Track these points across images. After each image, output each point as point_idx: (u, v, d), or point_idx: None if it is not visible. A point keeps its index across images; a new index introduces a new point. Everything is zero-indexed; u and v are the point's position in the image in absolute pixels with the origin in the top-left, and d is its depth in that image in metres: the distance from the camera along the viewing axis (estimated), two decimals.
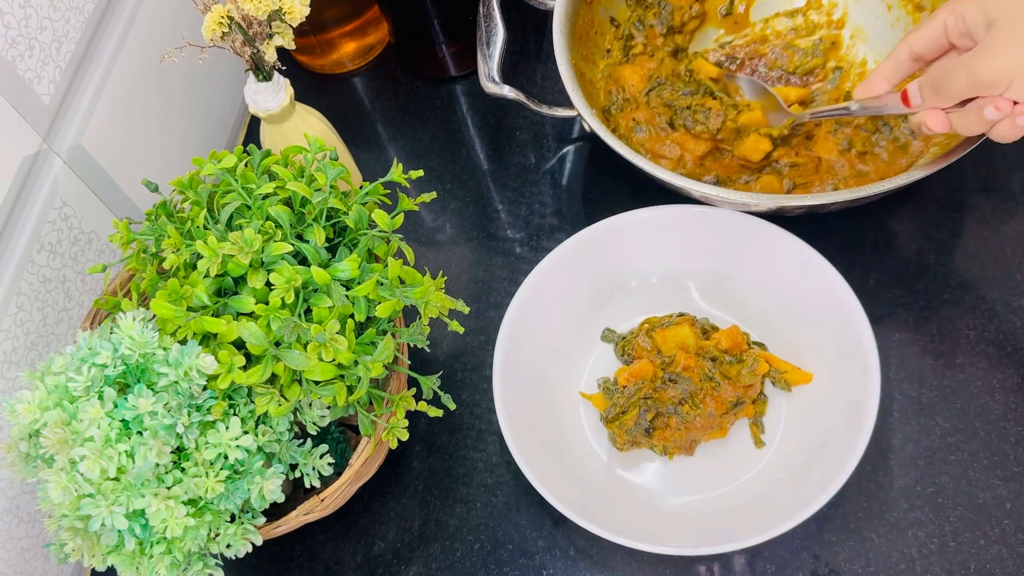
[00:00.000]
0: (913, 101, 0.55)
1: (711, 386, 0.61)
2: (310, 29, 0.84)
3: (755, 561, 0.59)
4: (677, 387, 0.61)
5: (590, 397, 0.65)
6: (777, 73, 0.76)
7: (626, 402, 0.62)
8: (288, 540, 0.66)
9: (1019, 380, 0.62)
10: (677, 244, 0.66)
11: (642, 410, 0.61)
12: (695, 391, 0.61)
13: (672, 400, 0.61)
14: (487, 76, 0.70)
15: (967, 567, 0.57)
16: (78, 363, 0.48)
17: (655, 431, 0.62)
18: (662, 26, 0.76)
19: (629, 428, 0.61)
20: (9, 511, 0.61)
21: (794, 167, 0.69)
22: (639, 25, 0.76)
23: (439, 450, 0.68)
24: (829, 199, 0.58)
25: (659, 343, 0.64)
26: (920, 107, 0.55)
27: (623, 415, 0.62)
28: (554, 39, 0.69)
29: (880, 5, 0.74)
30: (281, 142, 0.68)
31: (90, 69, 0.67)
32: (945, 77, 0.53)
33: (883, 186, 0.58)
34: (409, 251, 0.59)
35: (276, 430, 0.53)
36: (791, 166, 0.69)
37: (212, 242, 0.51)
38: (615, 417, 0.62)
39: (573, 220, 0.75)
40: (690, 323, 0.64)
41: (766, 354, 0.64)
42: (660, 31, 0.76)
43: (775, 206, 0.60)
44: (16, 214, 0.61)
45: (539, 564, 0.62)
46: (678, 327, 0.64)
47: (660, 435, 0.61)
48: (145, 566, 0.50)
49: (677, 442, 0.62)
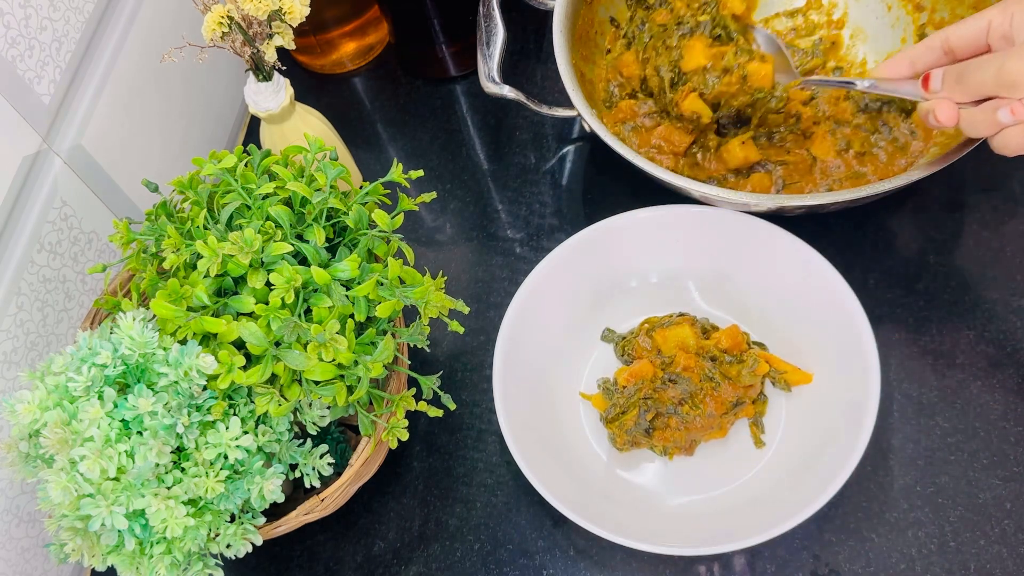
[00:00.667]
0: (933, 86, 0.54)
1: (711, 386, 0.61)
2: (310, 29, 0.84)
3: (755, 561, 0.59)
4: (677, 387, 0.61)
5: (590, 397, 0.65)
6: None
7: (626, 402, 0.62)
8: (288, 540, 0.66)
9: (1019, 380, 0.62)
10: (677, 244, 0.66)
11: (642, 410, 0.61)
12: (695, 391, 0.61)
13: (672, 400, 0.61)
14: (487, 76, 0.70)
15: (967, 567, 0.57)
16: (78, 363, 0.48)
17: (655, 431, 0.62)
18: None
19: (629, 428, 0.61)
20: (9, 511, 0.61)
21: (783, 164, 0.69)
22: (642, 27, 0.76)
23: (439, 450, 0.68)
24: (829, 199, 0.58)
25: (659, 343, 0.64)
26: (936, 95, 0.54)
27: (623, 415, 0.62)
28: (554, 39, 0.69)
29: (880, 5, 0.74)
30: (281, 142, 0.68)
31: (90, 69, 0.67)
32: (972, 68, 0.52)
33: (883, 186, 0.58)
34: (409, 251, 0.59)
35: (276, 430, 0.53)
36: (781, 164, 0.69)
37: (212, 242, 0.51)
38: (615, 417, 0.62)
39: (573, 220, 0.75)
40: (690, 323, 0.64)
41: (766, 354, 0.64)
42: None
43: (775, 206, 0.60)
44: (16, 214, 0.61)
45: (539, 564, 0.62)
46: (678, 327, 0.64)
47: (660, 435, 0.61)
48: (145, 566, 0.50)
49: (677, 442, 0.62)
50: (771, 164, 0.70)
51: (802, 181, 0.69)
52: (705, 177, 0.70)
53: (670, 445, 0.62)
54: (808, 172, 0.69)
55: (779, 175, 0.69)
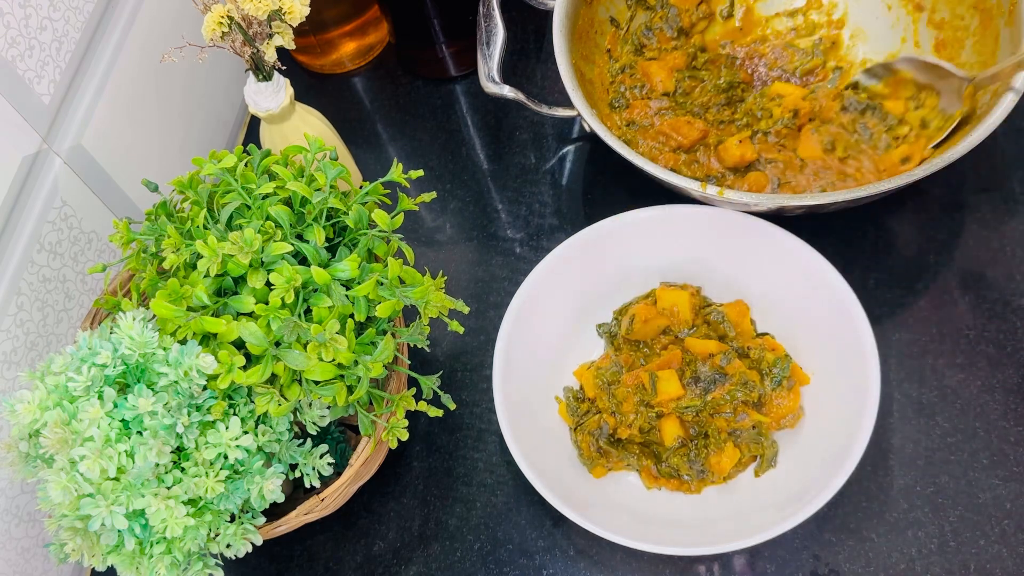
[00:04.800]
0: None
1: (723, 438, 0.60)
2: (310, 29, 0.84)
3: (755, 561, 0.59)
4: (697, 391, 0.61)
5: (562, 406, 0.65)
6: (777, 72, 0.76)
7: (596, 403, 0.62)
8: (288, 540, 0.66)
9: (1019, 380, 0.62)
10: (677, 244, 0.66)
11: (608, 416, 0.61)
12: (714, 434, 0.60)
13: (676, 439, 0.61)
14: (487, 76, 0.70)
15: (967, 567, 0.57)
16: (78, 363, 0.48)
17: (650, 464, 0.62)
18: (671, 30, 0.76)
19: (593, 430, 0.61)
20: (9, 511, 0.61)
21: (774, 163, 0.70)
22: (648, 32, 0.76)
23: (439, 450, 0.68)
24: (829, 199, 0.58)
25: (661, 302, 0.64)
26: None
27: (586, 417, 0.62)
28: (554, 39, 0.69)
29: (880, 5, 0.74)
30: (281, 142, 0.68)
31: (90, 69, 0.67)
32: None
33: (883, 186, 0.58)
34: (409, 251, 0.59)
35: (276, 430, 0.53)
36: (772, 163, 0.70)
37: (212, 242, 0.51)
38: (580, 422, 0.62)
39: (573, 220, 0.75)
40: (691, 292, 0.64)
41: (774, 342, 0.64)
42: (670, 35, 0.76)
43: (775, 206, 0.60)
44: (16, 214, 0.61)
45: (539, 564, 0.62)
46: (679, 291, 0.64)
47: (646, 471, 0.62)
48: (145, 566, 0.50)
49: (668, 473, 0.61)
50: (767, 161, 0.70)
51: (795, 181, 0.69)
52: (704, 175, 0.70)
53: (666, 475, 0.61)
54: (800, 172, 0.69)
55: (775, 173, 0.69)
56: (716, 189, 0.61)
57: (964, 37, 0.67)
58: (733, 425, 0.60)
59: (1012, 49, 0.61)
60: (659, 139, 0.71)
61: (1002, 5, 0.63)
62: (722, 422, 0.60)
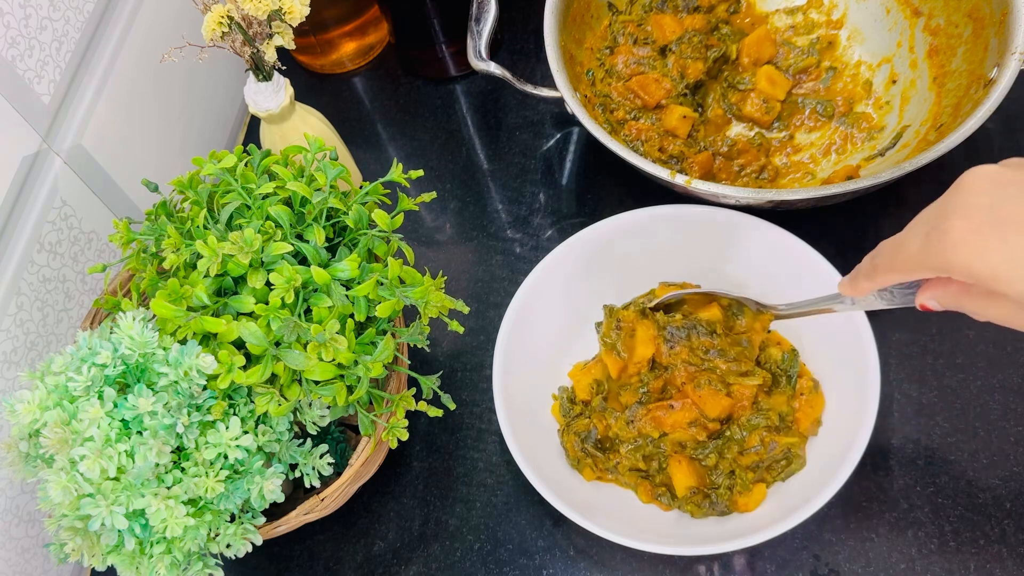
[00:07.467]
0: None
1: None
2: (310, 29, 0.84)
3: (755, 561, 0.59)
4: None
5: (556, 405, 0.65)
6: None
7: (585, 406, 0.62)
8: (288, 540, 0.66)
9: (1019, 380, 0.62)
10: (677, 243, 0.66)
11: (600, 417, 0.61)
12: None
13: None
14: (475, 52, 0.70)
15: (967, 567, 0.57)
16: (78, 363, 0.48)
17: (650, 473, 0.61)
18: (687, 9, 0.76)
19: (580, 432, 0.61)
20: (9, 511, 0.61)
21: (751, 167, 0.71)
22: (663, 5, 0.76)
23: (439, 450, 0.68)
24: (828, 191, 0.59)
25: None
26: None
27: (576, 420, 0.62)
28: (545, 18, 0.69)
29: (879, 8, 0.74)
30: (281, 142, 0.68)
31: (90, 69, 0.67)
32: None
33: (882, 177, 0.58)
34: (409, 251, 0.59)
35: (276, 430, 0.53)
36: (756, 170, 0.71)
37: (212, 242, 0.51)
38: (569, 424, 0.62)
39: (573, 220, 0.75)
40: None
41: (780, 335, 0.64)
42: (683, 6, 0.77)
43: (777, 199, 0.60)
44: (16, 214, 0.61)
45: (539, 564, 0.62)
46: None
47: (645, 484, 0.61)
48: (145, 566, 0.50)
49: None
50: (746, 122, 0.71)
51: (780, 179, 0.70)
52: (697, 150, 0.71)
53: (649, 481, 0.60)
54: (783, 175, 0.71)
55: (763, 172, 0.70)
56: (684, 178, 0.61)
57: (957, 45, 0.67)
58: (763, 456, 0.58)
59: (997, 59, 0.61)
60: (627, 96, 0.71)
61: (994, 15, 0.63)
62: (749, 459, 0.58)
